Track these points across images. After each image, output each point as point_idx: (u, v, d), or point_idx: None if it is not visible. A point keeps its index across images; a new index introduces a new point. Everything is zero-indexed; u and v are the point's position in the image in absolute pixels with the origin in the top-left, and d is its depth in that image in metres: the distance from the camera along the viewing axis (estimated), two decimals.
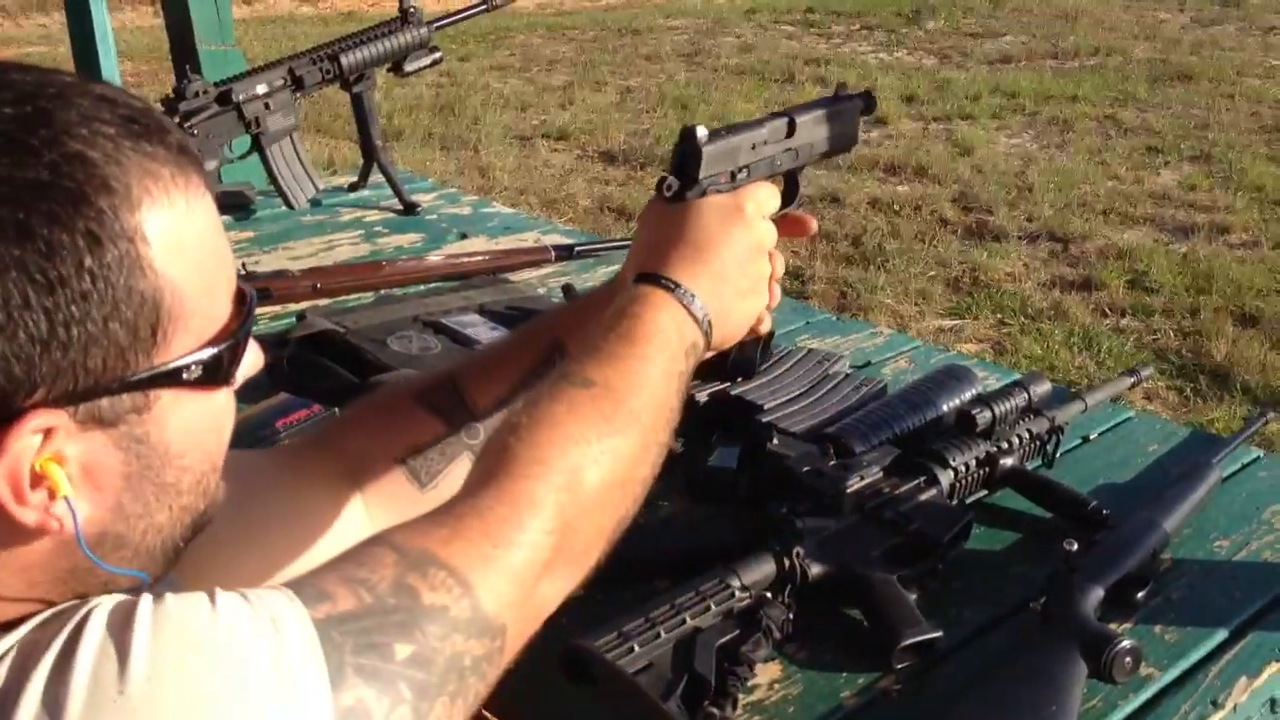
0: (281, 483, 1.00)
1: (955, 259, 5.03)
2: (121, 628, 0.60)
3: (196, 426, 0.69)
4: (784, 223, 1.09)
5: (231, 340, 0.69)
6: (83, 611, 0.62)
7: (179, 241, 0.64)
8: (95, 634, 0.60)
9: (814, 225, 1.15)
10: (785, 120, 1.11)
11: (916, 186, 6.04)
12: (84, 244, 0.59)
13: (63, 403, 0.61)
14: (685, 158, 1.02)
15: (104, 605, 0.62)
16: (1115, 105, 7.66)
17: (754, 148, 1.08)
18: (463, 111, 7.38)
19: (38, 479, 0.62)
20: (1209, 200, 5.76)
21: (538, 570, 0.78)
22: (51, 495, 0.63)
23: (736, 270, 1.00)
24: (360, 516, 1.03)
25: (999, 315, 4.51)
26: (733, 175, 1.06)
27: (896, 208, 5.67)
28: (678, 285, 0.96)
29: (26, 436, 0.60)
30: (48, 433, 0.61)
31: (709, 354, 1.01)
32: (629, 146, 6.81)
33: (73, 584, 0.67)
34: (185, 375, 0.66)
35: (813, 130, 1.14)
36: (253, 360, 0.74)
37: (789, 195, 1.12)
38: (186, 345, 0.66)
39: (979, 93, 7.89)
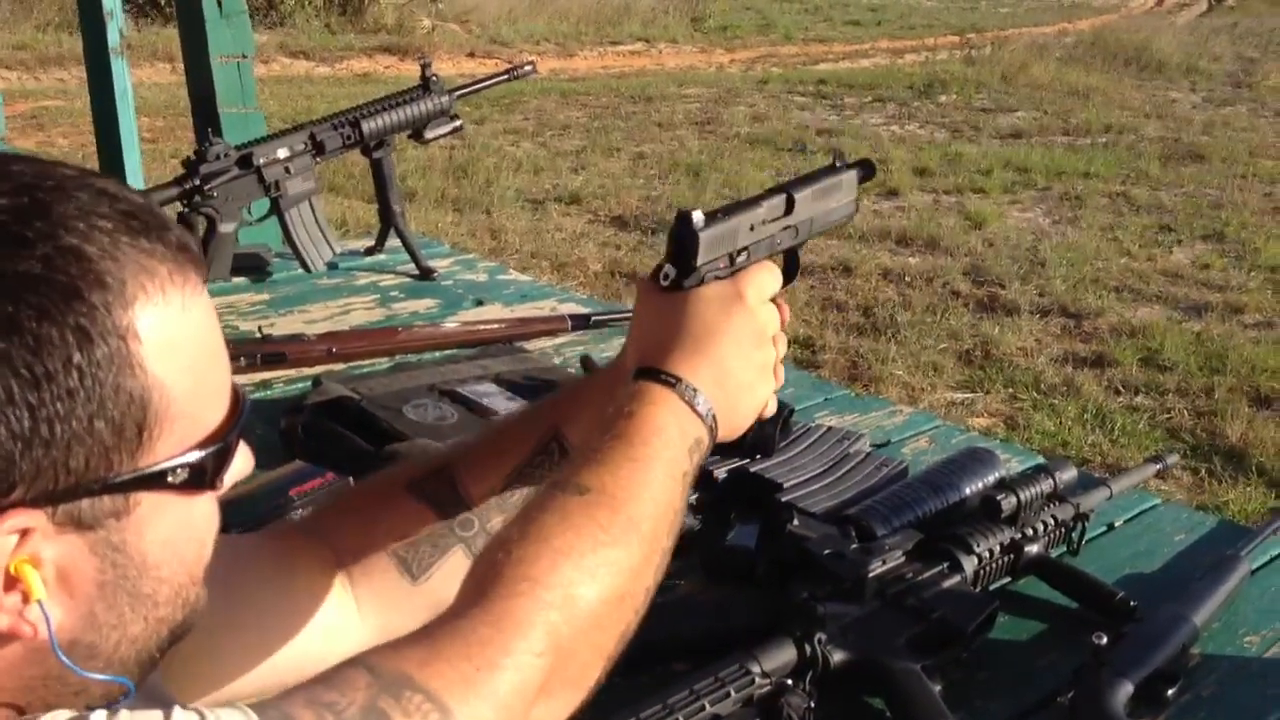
0: (269, 569, 0.97)
1: (967, 332, 5.02)
2: None
3: (177, 535, 0.67)
4: None
5: (220, 444, 0.67)
6: None
7: (172, 341, 0.63)
8: None
9: (787, 314, 1.07)
10: (783, 196, 1.05)
11: (928, 258, 6.05)
12: (73, 339, 0.58)
13: (41, 502, 0.59)
14: (682, 244, 0.95)
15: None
16: (1127, 183, 7.70)
17: (752, 228, 1.01)
18: (476, 174, 7.43)
19: (11, 581, 0.59)
20: (1222, 279, 5.77)
21: (528, 695, 0.73)
22: (25, 599, 0.60)
23: (740, 361, 0.94)
24: (349, 605, 1.00)
25: (1011, 390, 4.49)
26: (731, 258, 0.99)
27: (908, 279, 5.68)
28: (679, 380, 0.90)
29: (2, 536, 0.58)
30: (24, 533, 0.59)
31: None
32: (641, 212, 6.84)
33: (41, 692, 0.65)
34: (170, 479, 0.64)
35: (812, 205, 1.08)
36: (242, 465, 0.71)
37: (789, 273, 1.06)
38: (172, 448, 0.64)
39: (991, 167, 7.94)
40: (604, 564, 0.79)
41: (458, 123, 2.41)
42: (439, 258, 2.64)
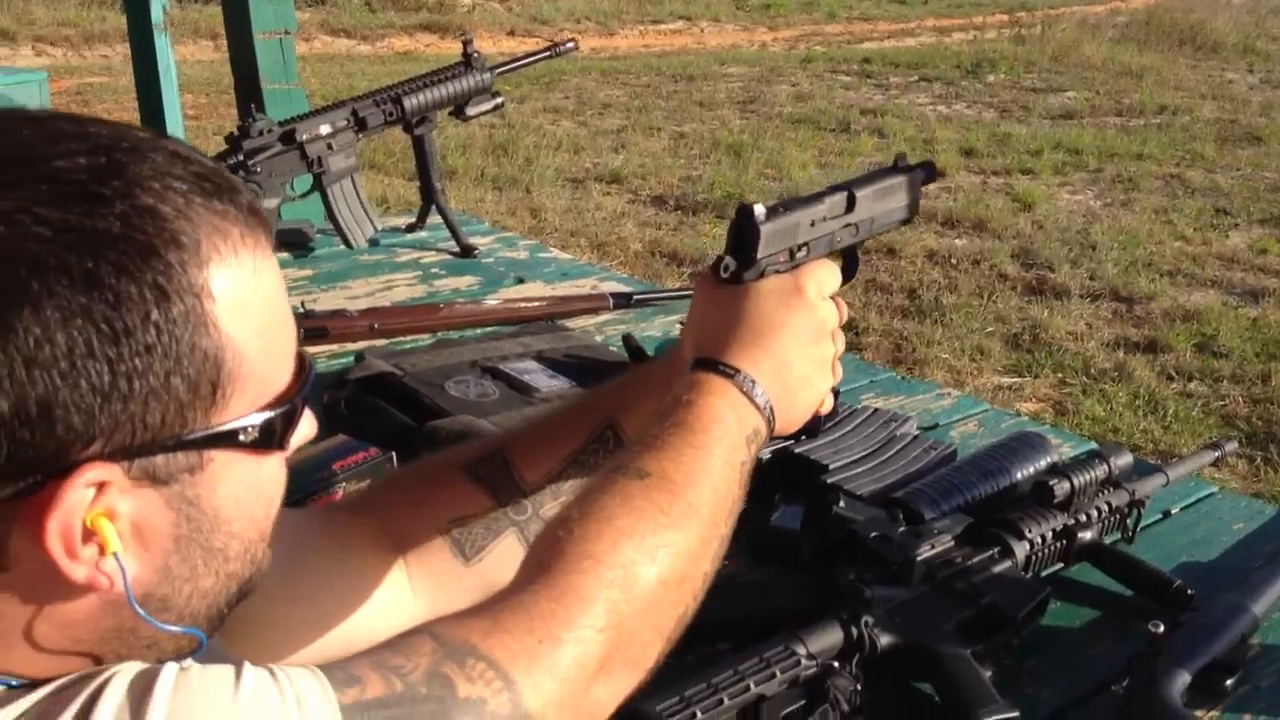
0: (326, 544, 0.99)
1: (1015, 316, 4.96)
2: (139, 699, 0.59)
3: (247, 493, 0.68)
4: None
5: (288, 405, 0.68)
6: (102, 678, 0.60)
7: (244, 301, 0.64)
8: (111, 703, 0.58)
9: (845, 311, 1.08)
10: (844, 194, 1.05)
11: (975, 241, 5.98)
12: (151, 296, 0.59)
13: (118, 457, 0.60)
14: (743, 237, 0.96)
15: (124, 673, 0.61)
16: (1182, 165, 7.58)
17: (813, 224, 1.01)
18: (516, 152, 7.43)
19: (88, 534, 0.60)
20: None
21: (589, 670, 0.74)
22: (101, 551, 0.61)
23: (799, 355, 0.95)
24: (402, 583, 1.01)
25: (1060, 375, 4.43)
26: (791, 253, 0.99)
27: (954, 262, 5.62)
28: (737, 371, 0.92)
29: (80, 489, 0.59)
30: (100, 487, 0.60)
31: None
32: (681, 192, 6.81)
33: (115, 644, 0.66)
34: (241, 437, 0.65)
35: (873, 204, 1.08)
36: (306, 429, 0.73)
37: (848, 271, 1.06)
38: (244, 407, 0.65)
39: (1040, 148, 7.84)
40: (664, 546, 0.80)
41: (499, 99, 2.40)
42: (479, 235, 2.63)
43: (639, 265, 5.44)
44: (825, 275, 0.99)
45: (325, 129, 2.20)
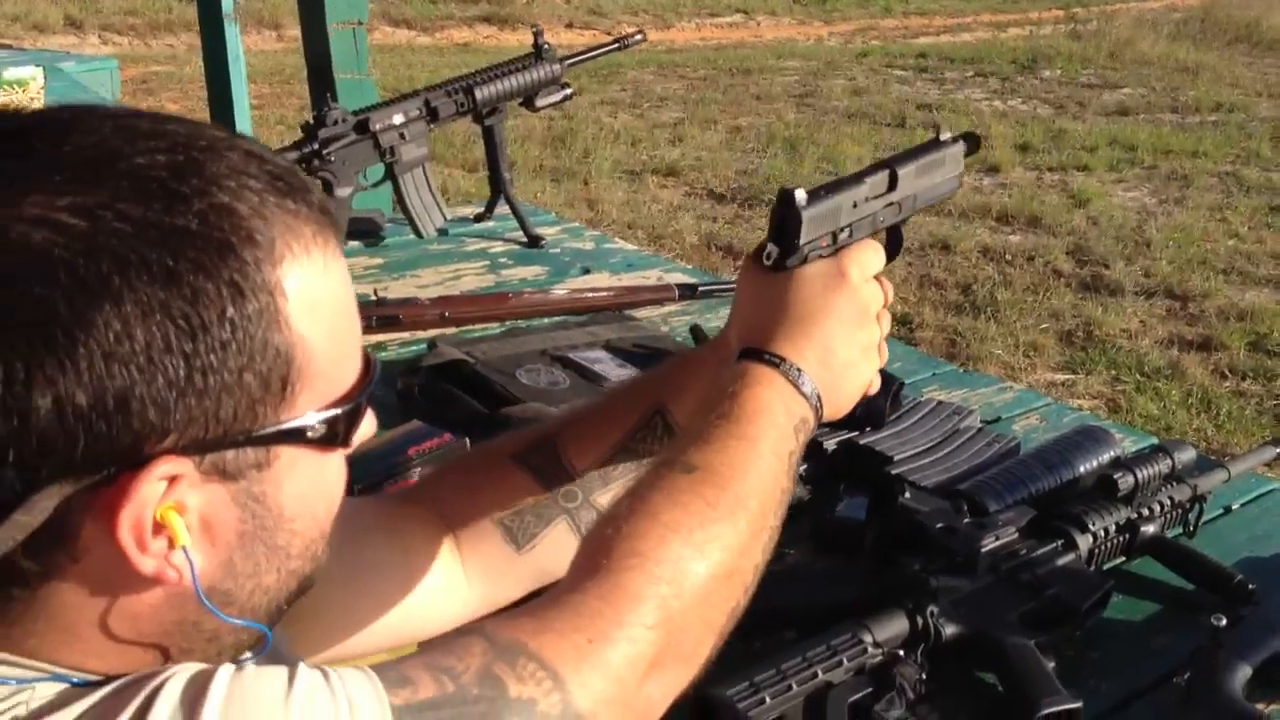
0: (381, 533, 0.99)
1: (1068, 312, 4.94)
2: (194, 699, 0.59)
3: (310, 491, 0.69)
4: None
5: (353, 404, 0.69)
6: (159, 679, 0.60)
7: (315, 300, 0.64)
8: (167, 705, 0.59)
9: (891, 292, 1.05)
10: (886, 173, 1.03)
11: (1029, 237, 5.95)
12: (227, 293, 0.59)
13: (190, 451, 0.61)
14: (784, 223, 0.94)
15: (180, 675, 0.61)
16: (1237, 162, 7.49)
17: (855, 205, 1.00)
18: (574, 145, 7.47)
19: (157, 527, 0.61)
20: None
21: (640, 668, 0.73)
22: (170, 545, 0.62)
23: (844, 340, 0.94)
24: (456, 571, 1.02)
25: (1113, 372, 4.41)
26: (834, 236, 0.98)
27: (1008, 257, 5.59)
28: (783, 360, 0.90)
29: (153, 483, 0.60)
30: (172, 480, 0.61)
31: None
32: (737, 185, 6.82)
33: (178, 637, 0.67)
34: (309, 434, 0.66)
35: (915, 181, 1.06)
36: (368, 427, 0.73)
37: (892, 250, 1.04)
38: (311, 404, 0.66)
39: (1096, 144, 7.78)
40: (712, 540, 0.80)
41: (568, 90, 2.43)
42: (546, 226, 2.67)
43: (695, 258, 5.46)
44: (869, 257, 0.97)
45: (398, 119, 2.24)
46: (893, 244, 1.06)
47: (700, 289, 2.20)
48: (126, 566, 0.61)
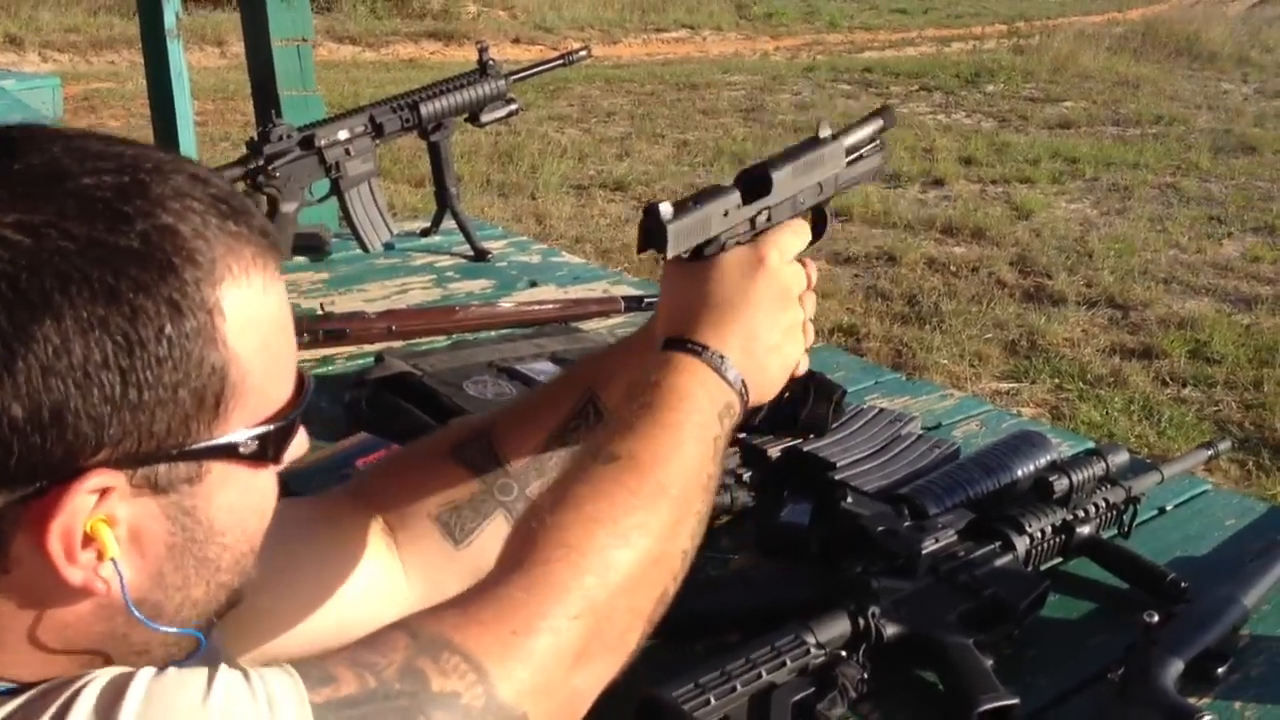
0: (320, 532, 1.00)
1: (1013, 322, 5.01)
2: (110, 703, 0.59)
3: (241, 505, 0.70)
4: None
5: (285, 421, 0.70)
6: (79, 684, 0.61)
7: (251, 320, 0.66)
8: (84, 709, 0.59)
9: (814, 272, 1.04)
10: (759, 178, 1.01)
11: (974, 248, 6.04)
12: (166, 311, 0.61)
13: (123, 465, 0.62)
14: (650, 237, 0.94)
15: (100, 678, 0.61)
16: (1177, 174, 7.64)
17: (726, 214, 0.98)
18: (520, 160, 7.48)
19: (87, 539, 0.62)
20: (1273, 272, 5.72)
21: (566, 659, 0.74)
22: (99, 557, 0.63)
23: (766, 324, 0.96)
24: (395, 569, 1.02)
25: (1057, 380, 4.48)
26: (752, 222, 0.99)
27: (953, 269, 5.67)
28: (705, 348, 0.92)
29: (84, 495, 0.61)
30: (103, 493, 0.62)
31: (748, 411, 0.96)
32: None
33: (108, 648, 0.68)
34: (241, 450, 0.67)
35: (836, 160, 1.07)
36: (299, 444, 0.74)
37: (818, 230, 1.06)
38: (244, 420, 0.67)
39: (1038, 157, 7.90)
40: (636, 527, 0.81)
41: (514, 106, 2.44)
42: (492, 239, 2.67)
43: (643, 271, 5.47)
44: (787, 240, 0.98)
45: (344, 134, 2.24)
46: (818, 224, 1.07)
47: (646, 301, 2.22)
48: (56, 578, 0.62)
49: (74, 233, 0.59)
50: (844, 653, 1.19)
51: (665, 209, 0.93)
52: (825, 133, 1.09)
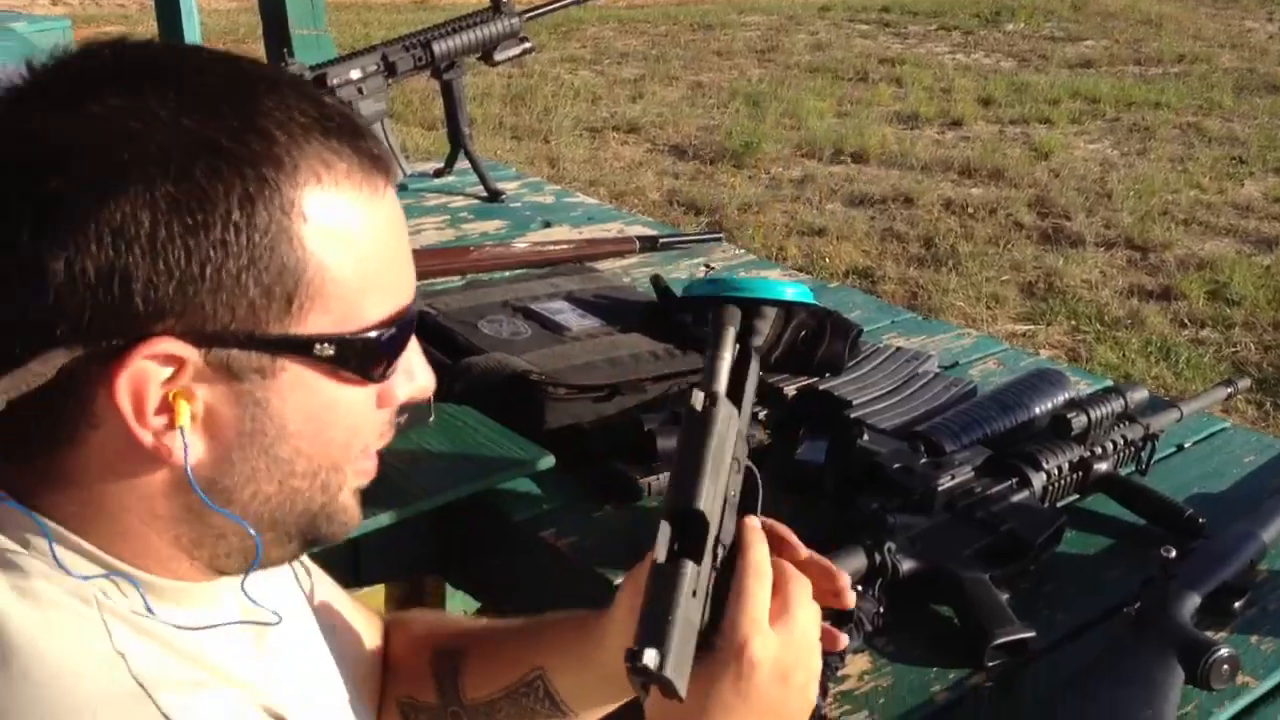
0: (353, 634, 1.00)
1: (1030, 264, 4.98)
2: None
3: (321, 414, 0.70)
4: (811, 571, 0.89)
5: (372, 338, 0.69)
6: None
7: (340, 230, 0.66)
8: None
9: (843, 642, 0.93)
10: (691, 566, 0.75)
11: (991, 189, 5.98)
12: (236, 200, 0.63)
13: (190, 339, 0.64)
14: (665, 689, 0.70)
15: None
16: (1199, 114, 7.54)
17: (695, 594, 0.75)
18: (534, 102, 7.42)
19: (164, 406, 0.65)
20: None
21: None
22: (170, 425, 0.65)
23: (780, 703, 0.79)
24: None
25: (1074, 322, 4.45)
26: (713, 562, 0.80)
27: (970, 210, 5.62)
28: None
29: (154, 360, 0.63)
30: (179, 366, 0.64)
31: None
32: (699, 141, 6.81)
33: (189, 526, 0.70)
34: (315, 351, 0.67)
35: (730, 425, 0.84)
36: (422, 383, 0.76)
37: (751, 502, 0.89)
38: (322, 325, 0.67)
39: (1058, 97, 7.80)
40: None
41: (528, 44, 2.42)
42: (506, 180, 2.66)
43: (657, 214, 5.46)
44: (755, 607, 0.79)
45: (355, 74, 2.22)
46: (750, 493, 0.90)
47: (661, 241, 2.21)
48: (130, 439, 0.65)
49: (168, 120, 0.62)
50: (860, 588, 1.19)
51: (650, 657, 0.70)
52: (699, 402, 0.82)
